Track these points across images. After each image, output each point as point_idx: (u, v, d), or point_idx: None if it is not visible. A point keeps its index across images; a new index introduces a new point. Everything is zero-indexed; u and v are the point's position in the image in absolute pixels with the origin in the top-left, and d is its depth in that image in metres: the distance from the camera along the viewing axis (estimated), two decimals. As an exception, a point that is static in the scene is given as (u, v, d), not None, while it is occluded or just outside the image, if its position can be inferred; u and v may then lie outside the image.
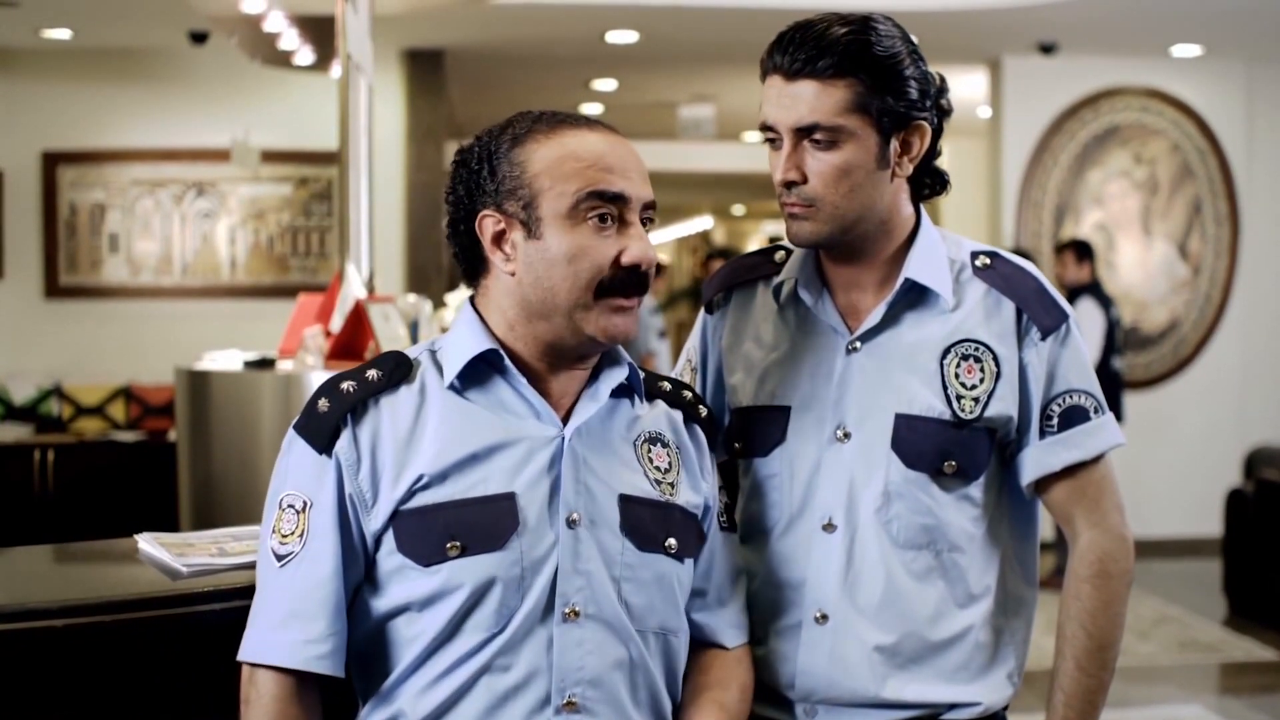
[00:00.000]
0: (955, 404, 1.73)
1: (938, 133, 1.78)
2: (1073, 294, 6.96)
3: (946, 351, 1.75)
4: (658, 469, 1.66)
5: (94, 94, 7.52)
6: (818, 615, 1.75)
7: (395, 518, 1.55)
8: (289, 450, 1.61)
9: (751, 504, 1.83)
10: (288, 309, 4.37)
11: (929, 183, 1.82)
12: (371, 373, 1.61)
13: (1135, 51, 7.78)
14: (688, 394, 1.76)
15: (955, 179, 1.86)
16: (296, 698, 1.54)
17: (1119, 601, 1.77)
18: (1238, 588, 6.49)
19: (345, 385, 1.60)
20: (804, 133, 1.69)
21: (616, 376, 1.66)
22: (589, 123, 1.62)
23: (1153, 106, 7.96)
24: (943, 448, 1.73)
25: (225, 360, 4.11)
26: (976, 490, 1.77)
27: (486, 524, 1.54)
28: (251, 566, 1.81)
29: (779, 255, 1.88)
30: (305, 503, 1.57)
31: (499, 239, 1.60)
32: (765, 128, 1.74)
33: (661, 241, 21.17)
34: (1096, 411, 1.77)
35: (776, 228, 16.83)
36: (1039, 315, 1.76)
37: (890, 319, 1.77)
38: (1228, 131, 8.02)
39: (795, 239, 1.76)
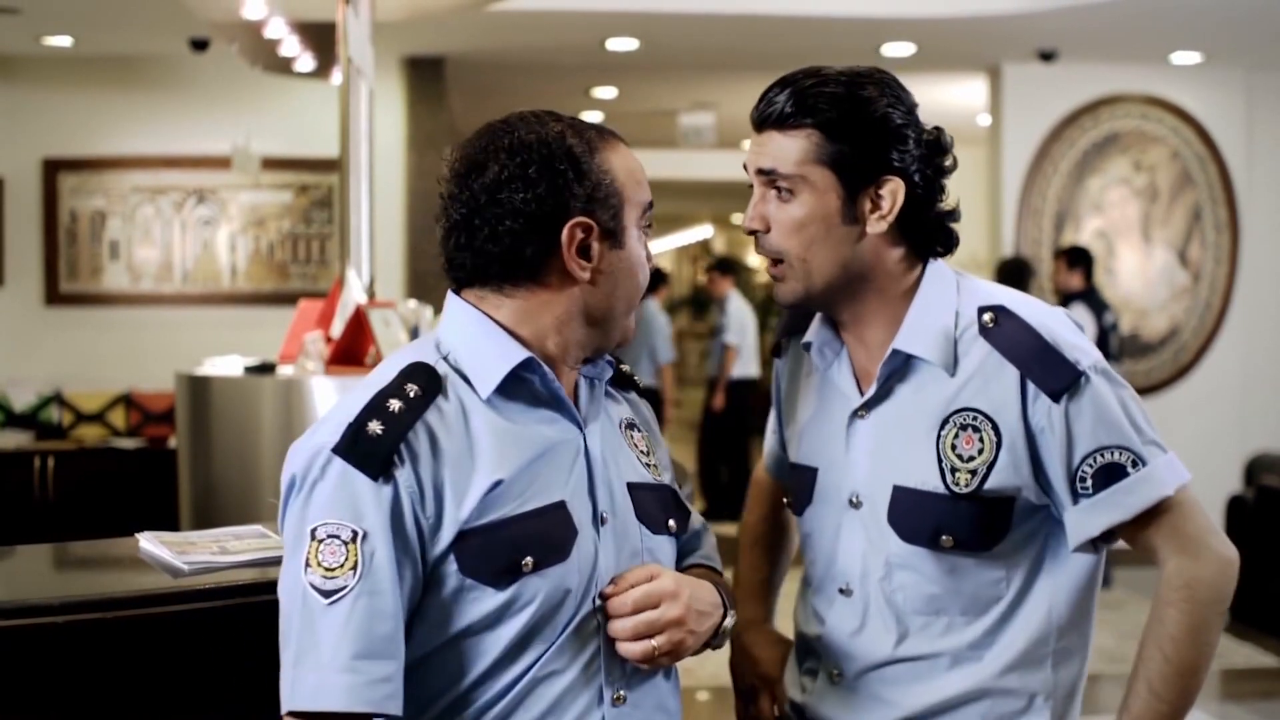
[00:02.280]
0: (949, 477, 1.67)
1: (931, 189, 1.71)
2: (1065, 300, 7.00)
3: (944, 422, 1.68)
4: (642, 452, 1.70)
5: (95, 101, 7.53)
6: (834, 673, 1.77)
7: (459, 539, 1.49)
8: (322, 475, 1.48)
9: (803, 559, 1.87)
10: (288, 316, 4.36)
11: (938, 239, 1.74)
12: (411, 388, 1.52)
13: (1135, 59, 7.79)
14: (626, 368, 1.79)
15: (955, 187, 1.82)
16: None
17: (1207, 629, 1.68)
18: (1239, 594, 6.37)
19: (393, 405, 1.50)
20: (766, 180, 1.70)
21: (606, 373, 1.69)
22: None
23: (1152, 114, 7.97)
24: (937, 523, 1.68)
25: (226, 366, 4.11)
26: (996, 556, 1.69)
27: (549, 535, 1.52)
28: (252, 565, 1.81)
29: None
30: (355, 533, 1.45)
31: (583, 246, 1.57)
32: (745, 169, 1.75)
33: (662, 250, 21.19)
34: (1135, 465, 1.65)
35: (776, 236, 16.78)
36: (1043, 379, 1.65)
37: (888, 388, 1.73)
38: (1227, 138, 8.02)
39: (778, 299, 1.75)
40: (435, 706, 1.52)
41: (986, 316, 1.69)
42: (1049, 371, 1.65)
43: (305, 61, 5.42)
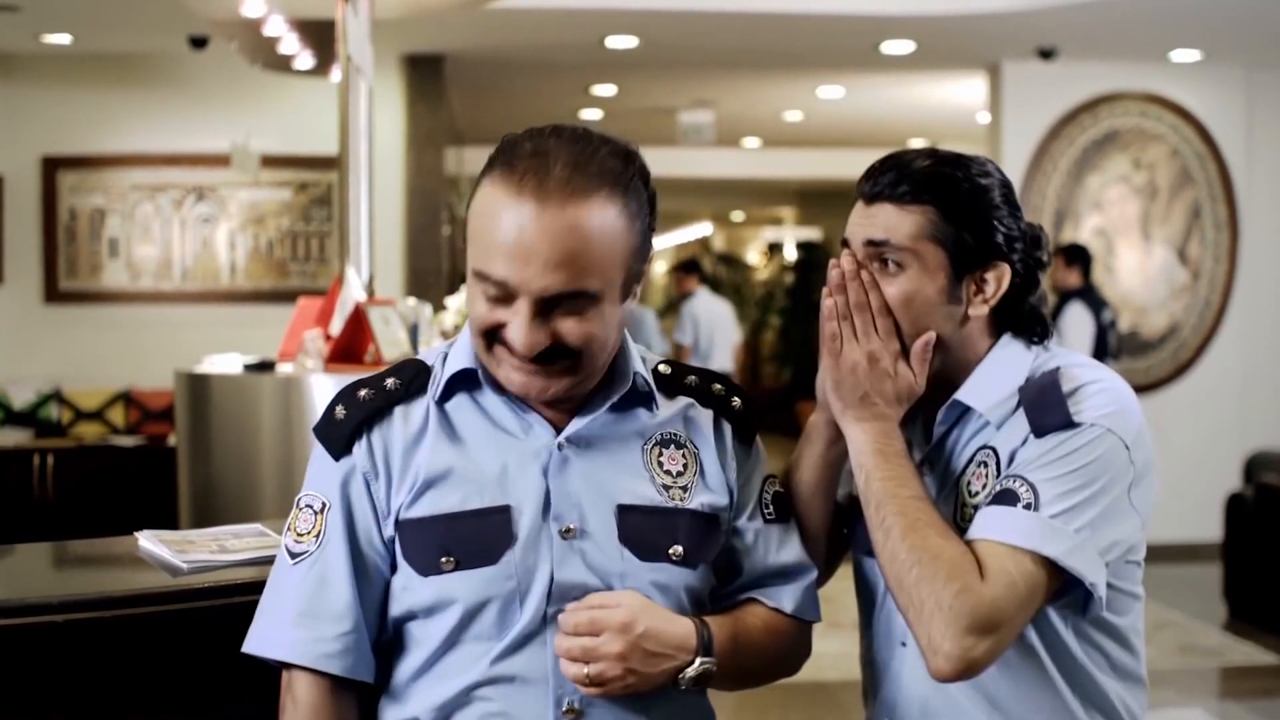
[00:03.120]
0: (959, 512, 1.68)
1: (1030, 282, 1.73)
2: (1064, 298, 7.01)
3: (969, 462, 1.69)
4: (668, 473, 1.63)
5: (94, 99, 7.53)
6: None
7: (400, 527, 1.57)
8: (314, 451, 1.63)
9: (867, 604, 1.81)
10: (287, 314, 4.37)
11: (1035, 329, 1.74)
12: (390, 381, 1.62)
13: (1134, 56, 7.79)
14: (718, 387, 1.71)
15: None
16: (333, 702, 1.55)
17: (937, 585, 1.52)
18: (1238, 592, 6.49)
19: (363, 393, 1.61)
20: (874, 250, 1.68)
21: (617, 390, 1.62)
22: (531, 179, 1.48)
23: (1152, 111, 7.97)
24: None
25: (225, 363, 4.11)
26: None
27: (480, 538, 1.54)
28: (251, 564, 1.82)
29: None
30: (324, 504, 1.58)
31: None
32: (844, 244, 1.73)
33: (662, 248, 21.17)
34: (1028, 507, 1.55)
35: (776, 234, 16.84)
36: (1033, 416, 1.63)
37: (943, 439, 1.74)
38: (1227, 136, 8.03)
39: None
40: (394, 685, 1.59)
41: (1041, 372, 1.69)
42: (1044, 412, 1.62)
43: (304, 59, 5.41)
